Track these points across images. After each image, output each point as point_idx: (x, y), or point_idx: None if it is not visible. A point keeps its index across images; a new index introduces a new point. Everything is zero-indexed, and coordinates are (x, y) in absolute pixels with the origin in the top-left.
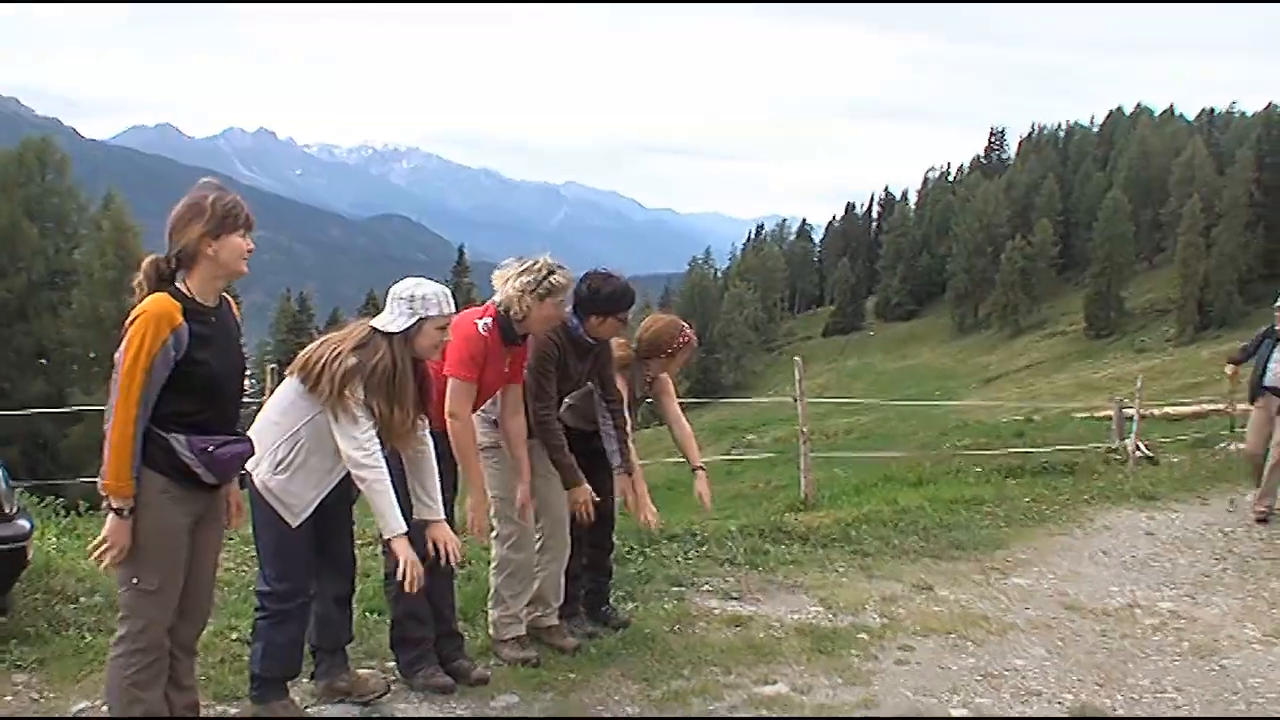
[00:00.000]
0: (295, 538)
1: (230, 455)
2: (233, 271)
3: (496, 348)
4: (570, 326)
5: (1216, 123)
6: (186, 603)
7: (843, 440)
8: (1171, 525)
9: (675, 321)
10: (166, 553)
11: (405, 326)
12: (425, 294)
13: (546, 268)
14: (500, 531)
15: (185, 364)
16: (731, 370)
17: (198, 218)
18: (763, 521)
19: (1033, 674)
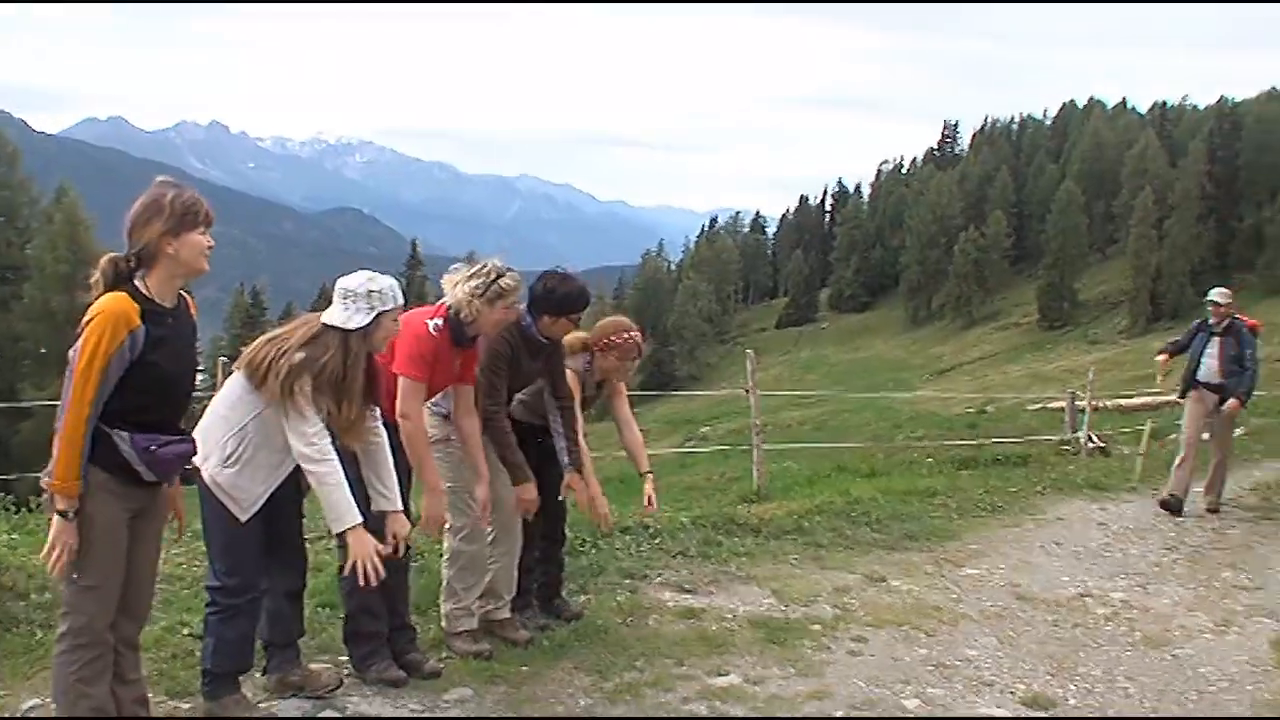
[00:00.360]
0: (245, 533)
1: (172, 455)
2: (193, 269)
3: (447, 348)
4: (524, 324)
5: (1169, 115)
6: (127, 598)
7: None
8: (1123, 516)
9: (622, 320)
10: (105, 548)
11: (364, 323)
12: (381, 288)
13: (495, 271)
14: (453, 524)
15: (138, 364)
16: (685, 362)
17: (157, 216)
18: (715, 514)
19: (985, 664)
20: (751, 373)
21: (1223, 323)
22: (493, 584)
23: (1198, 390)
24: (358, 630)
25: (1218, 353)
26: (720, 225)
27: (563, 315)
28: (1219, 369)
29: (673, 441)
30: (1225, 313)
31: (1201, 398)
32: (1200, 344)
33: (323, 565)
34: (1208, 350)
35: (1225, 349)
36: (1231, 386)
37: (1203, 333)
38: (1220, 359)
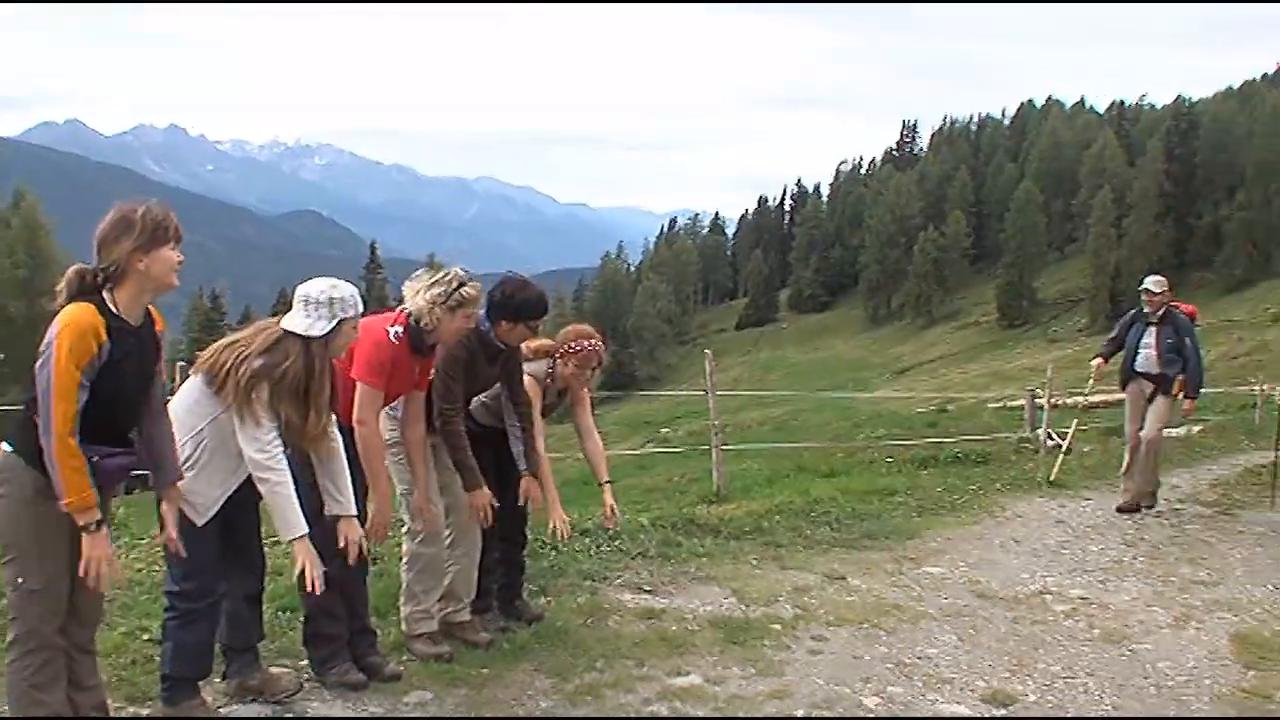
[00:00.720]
0: (202, 537)
1: (114, 467)
2: (163, 285)
3: (406, 356)
4: (482, 330)
5: (1127, 114)
6: (77, 602)
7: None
8: (1082, 513)
9: (584, 328)
10: (49, 552)
11: (325, 330)
12: (343, 295)
13: (457, 280)
14: (411, 527)
15: (96, 379)
16: (645, 364)
17: (127, 232)
18: (675, 514)
19: (945, 662)
20: (710, 373)
21: (1158, 311)
22: (452, 586)
23: (1136, 381)
24: (317, 633)
25: (1155, 342)
26: (679, 226)
27: (520, 321)
28: (1157, 358)
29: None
30: (1161, 301)
31: (1140, 389)
32: (1136, 334)
33: (281, 569)
34: (1144, 340)
35: (1162, 337)
36: (1171, 375)
37: (1138, 323)
38: (1158, 348)
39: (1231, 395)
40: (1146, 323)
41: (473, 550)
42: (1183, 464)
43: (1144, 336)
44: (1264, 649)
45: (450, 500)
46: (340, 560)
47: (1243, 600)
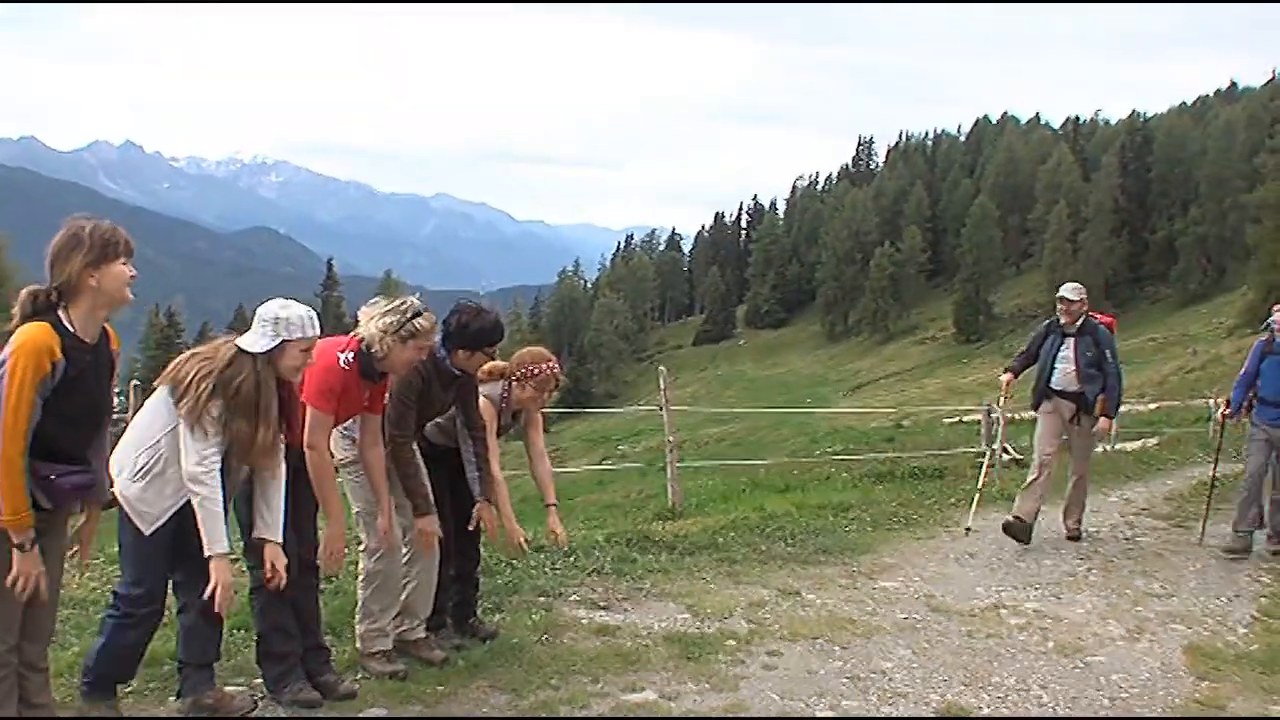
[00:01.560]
0: (151, 545)
1: (70, 486)
2: (116, 300)
3: (355, 381)
4: (438, 357)
5: (1082, 130)
6: (29, 620)
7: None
8: (1037, 527)
9: (541, 351)
10: (3, 571)
11: (268, 348)
12: (289, 316)
13: (412, 310)
14: (367, 545)
15: (51, 397)
16: (602, 380)
17: (77, 248)
18: (630, 530)
19: (899, 675)
20: (665, 389)
21: (1076, 322)
22: (408, 603)
23: (1053, 400)
24: (270, 650)
25: (1073, 355)
26: (636, 243)
27: (478, 349)
28: (1076, 374)
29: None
30: (1078, 311)
31: (1057, 408)
32: (1052, 348)
33: (237, 587)
34: (1061, 354)
35: (1081, 351)
36: (1091, 393)
37: (1053, 335)
38: (1076, 363)
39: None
40: (1063, 335)
41: (430, 568)
42: (1137, 477)
43: (1061, 350)
44: (1216, 660)
45: (407, 520)
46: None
47: (1196, 612)
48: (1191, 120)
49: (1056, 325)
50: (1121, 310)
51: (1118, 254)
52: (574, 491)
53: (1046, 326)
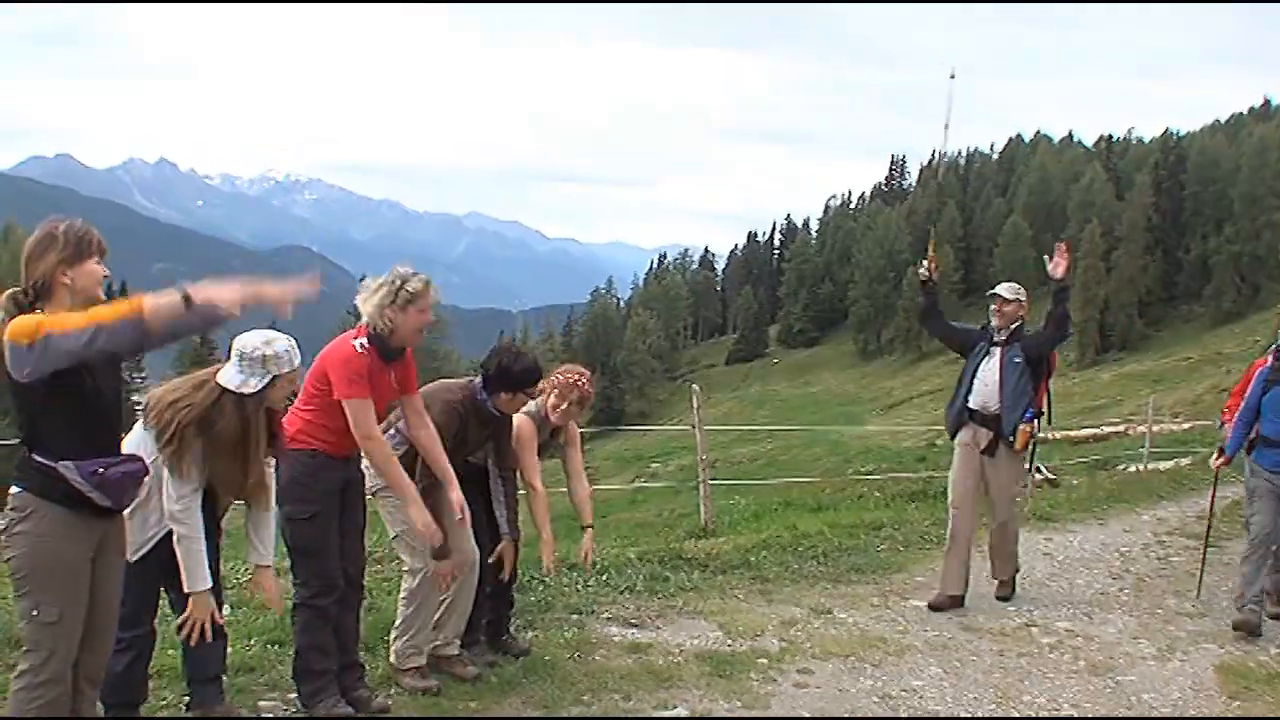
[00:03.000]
0: (133, 572)
1: (121, 475)
2: (90, 298)
3: (377, 364)
4: (478, 399)
5: (1115, 148)
6: (89, 633)
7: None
8: (1069, 546)
9: (573, 366)
10: (66, 584)
11: (259, 387)
12: (277, 352)
13: (400, 278)
14: (411, 565)
15: (62, 393)
16: (635, 399)
17: (51, 248)
18: (662, 549)
19: (930, 694)
20: (697, 408)
21: (1008, 327)
22: (444, 620)
23: (969, 426)
24: (307, 668)
25: (997, 368)
26: (669, 262)
27: (519, 391)
28: (998, 392)
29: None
30: (1012, 314)
31: (975, 438)
32: (976, 358)
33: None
34: (985, 366)
35: (1007, 361)
36: (1011, 419)
37: (982, 342)
38: (1000, 378)
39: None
40: (991, 342)
41: (469, 586)
42: (1170, 496)
43: (985, 362)
44: (1248, 679)
45: (450, 535)
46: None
47: (1227, 632)
48: (1225, 138)
49: (988, 331)
50: (1155, 329)
51: (1151, 273)
52: (607, 510)
53: (977, 331)
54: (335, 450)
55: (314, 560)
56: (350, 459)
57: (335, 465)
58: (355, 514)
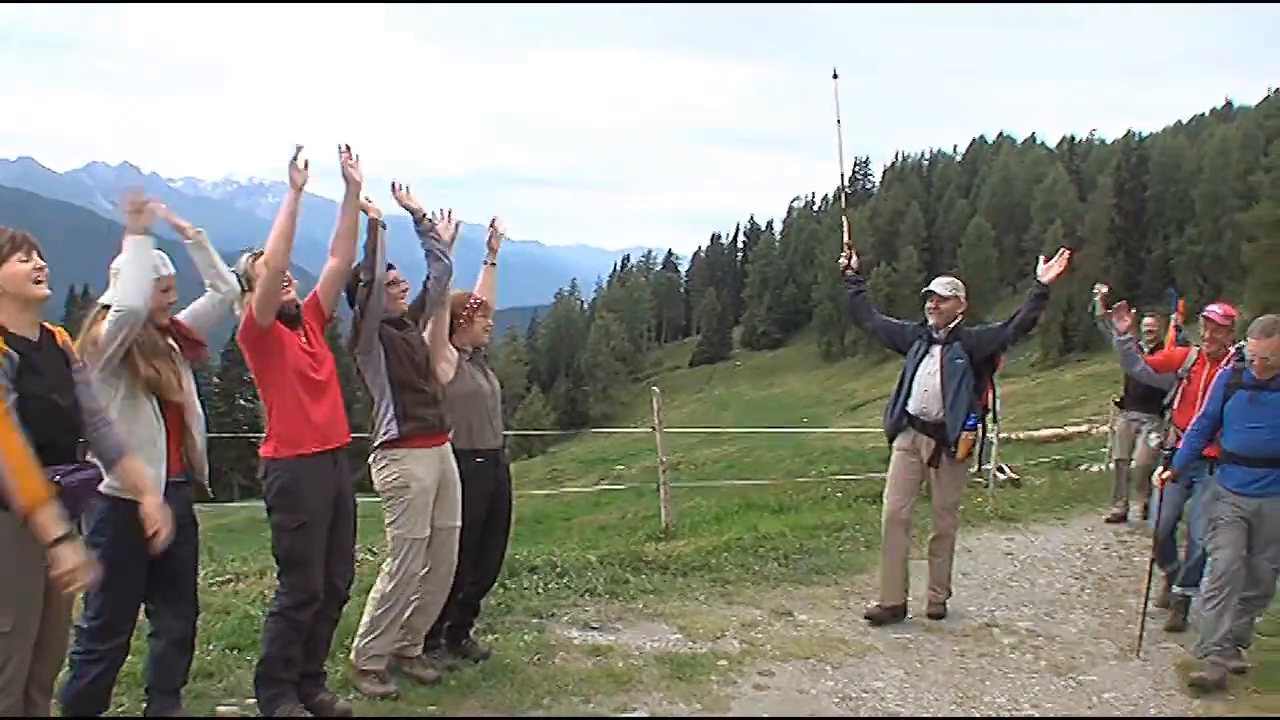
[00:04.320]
0: (117, 585)
1: (79, 482)
2: (25, 295)
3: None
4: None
5: (1077, 150)
6: (42, 642)
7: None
8: (1031, 546)
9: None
10: (20, 592)
11: None
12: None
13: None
14: (389, 568)
15: (18, 395)
16: (599, 401)
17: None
18: (623, 551)
19: (891, 695)
20: (658, 410)
21: (947, 325)
22: (412, 620)
23: (908, 432)
24: (269, 674)
25: (938, 369)
26: (633, 264)
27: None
28: (940, 394)
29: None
30: (950, 311)
31: (914, 445)
32: (915, 358)
33: (230, 608)
34: (924, 367)
35: (948, 362)
36: (955, 424)
37: (920, 341)
38: (942, 380)
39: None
40: (930, 341)
41: (444, 586)
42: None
43: (924, 362)
44: None
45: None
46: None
47: (1189, 630)
48: (1187, 139)
49: (926, 328)
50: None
51: (1114, 273)
52: (570, 512)
53: (914, 328)
54: (317, 443)
55: (297, 571)
56: (339, 460)
57: (324, 471)
58: (346, 524)
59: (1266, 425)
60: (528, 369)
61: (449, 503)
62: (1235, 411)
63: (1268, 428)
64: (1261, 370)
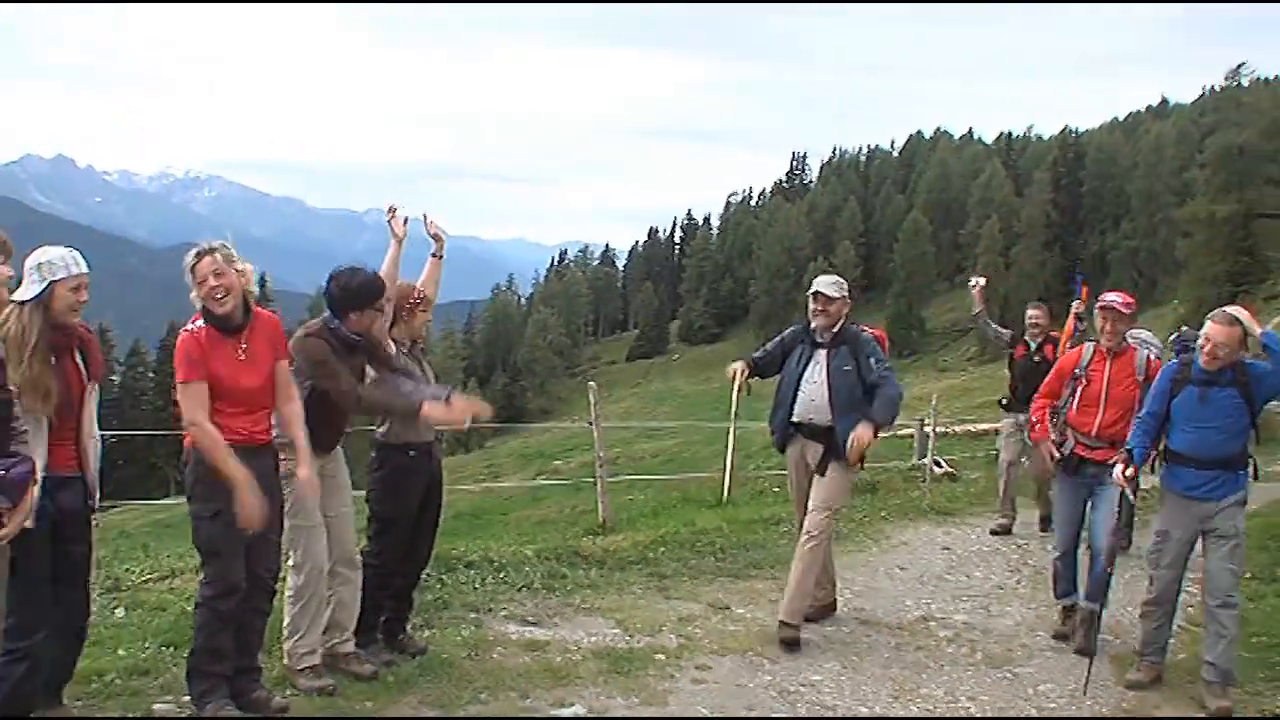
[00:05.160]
0: (21, 580)
1: (22, 475)
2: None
3: (216, 339)
4: (332, 328)
5: (1014, 145)
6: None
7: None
8: (967, 540)
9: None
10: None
11: (39, 292)
12: (51, 258)
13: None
14: (295, 561)
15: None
16: (537, 396)
17: None
18: (560, 546)
19: (828, 688)
20: (594, 405)
21: (832, 328)
22: (335, 617)
23: (796, 442)
24: (199, 668)
25: (824, 375)
26: (570, 258)
27: (367, 306)
28: (828, 401)
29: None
30: (837, 313)
31: (803, 454)
32: (798, 363)
33: (166, 604)
34: (809, 373)
35: (835, 368)
36: (845, 430)
37: (803, 345)
38: (829, 385)
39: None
40: (814, 345)
41: (354, 577)
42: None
43: (809, 368)
44: None
45: (329, 530)
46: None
47: (1124, 622)
48: (1123, 136)
49: (807, 332)
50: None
51: (1050, 268)
52: (508, 508)
53: (794, 333)
54: (235, 439)
55: (216, 561)
56: (261, 450)
57: (243, 461)
58: (269, 517)
59: (1217, 426)
60: (464, 364)
61: (334, 490)
62: (1183, 410)
63: (1217, 429)
64: (1210, 360)
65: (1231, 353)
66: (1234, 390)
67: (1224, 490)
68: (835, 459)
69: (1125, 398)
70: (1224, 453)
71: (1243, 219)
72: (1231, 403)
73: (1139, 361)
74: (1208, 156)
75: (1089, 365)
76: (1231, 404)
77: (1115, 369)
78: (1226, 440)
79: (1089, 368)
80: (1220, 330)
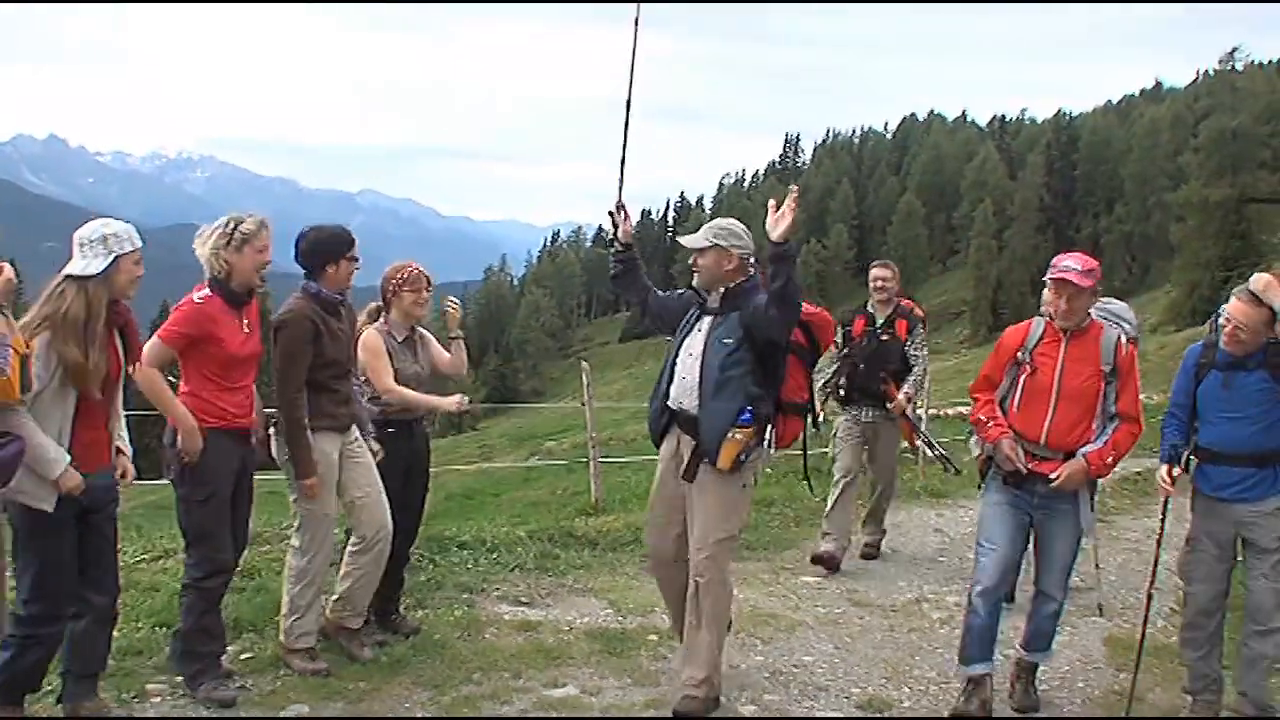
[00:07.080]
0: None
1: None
2: None
3: (221, 311)
4: (313, 291)
5: (1008, 128)
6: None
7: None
8: (961, 521)
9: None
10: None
11: (104, 267)
12: (117, 231)
13: (233, 221)
14: (298, 542)
15: None
16: (529, 377)
17: None
18: (552, 527)
19: (820, 669)
20: (587, 386)
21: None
22: (351, 592)
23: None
24: (191, 650)
25: (702, 350)
26: (562, 239)
27: (342, 258)
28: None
29: (518, 456)
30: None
31: (678, 449)
32: (684, 332)
33: (159, 585)
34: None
35: (714, 339)
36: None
37: (694, 308)
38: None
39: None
40: (702, 310)
41: (380, 561)
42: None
43: (688, 339)
44: (1135, 652)
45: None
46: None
47: (1115, 605)
48: (1117, 119)
49: (699, 295)
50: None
51: (1043, 252)
52: (500, 489)
53: (689, 294)
54: (229, 423)
55: (206, 543)
56: (248, 435)
57: (233, 446)
58: (246, 499)
59: (1246, 415)
60: None
61: (358, 473)
62: (1207, 398)
63: (1248, 418)
64: (1231, 341)
65: (1257, 335)
66: (1265, 374)
67: (1260, 490)
68: (705, 463)
69: (1085, 392)
70: (1258, 447)
71: (1236, 203)
72: (1263, 388)
73: (1105, 344)
74: (1201, 140)
75: (1036, 348)
76: (1263, 390)
77: (1072, 353)
78: (1260, 432)
79: (1036, 350)
80: (1241, 309)
